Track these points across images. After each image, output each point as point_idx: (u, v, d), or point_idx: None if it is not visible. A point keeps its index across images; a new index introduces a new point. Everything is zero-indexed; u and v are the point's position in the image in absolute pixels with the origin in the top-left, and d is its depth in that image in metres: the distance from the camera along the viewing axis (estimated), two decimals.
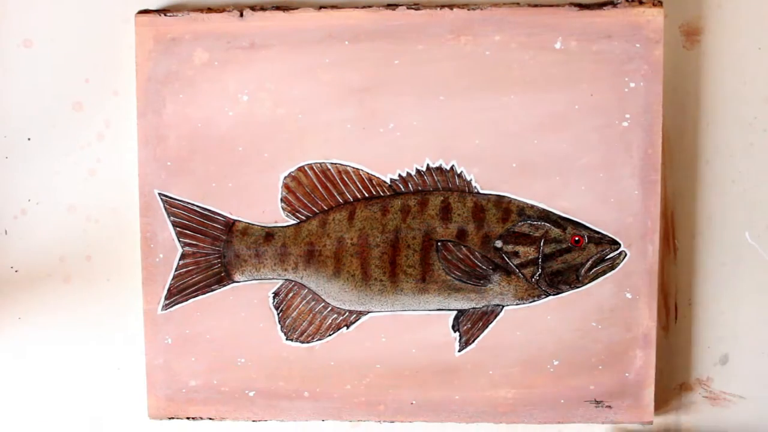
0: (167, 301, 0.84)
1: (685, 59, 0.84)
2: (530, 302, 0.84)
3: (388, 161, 0.83)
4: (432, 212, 0.83)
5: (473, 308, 0.84)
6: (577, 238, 0.82)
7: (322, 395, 0.85)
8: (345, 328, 0.84)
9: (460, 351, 0.84)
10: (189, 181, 0.84)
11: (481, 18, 0.81)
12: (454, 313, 0.84)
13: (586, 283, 0.83)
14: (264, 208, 0.84)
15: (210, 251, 0.84)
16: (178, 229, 0.84)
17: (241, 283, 0.85)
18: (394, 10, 0.82)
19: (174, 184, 0.84)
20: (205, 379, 0.85)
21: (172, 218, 0.84)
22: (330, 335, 0.85)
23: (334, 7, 0.82)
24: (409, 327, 0.84)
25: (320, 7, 0.82)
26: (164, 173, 0.84)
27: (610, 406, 0.84)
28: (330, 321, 0.84)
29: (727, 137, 0.84)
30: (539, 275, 0.83)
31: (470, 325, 0.84)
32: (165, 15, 0.82)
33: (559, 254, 0.83)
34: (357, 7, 0.82)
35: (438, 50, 0.82)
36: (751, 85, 0.84)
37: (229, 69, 0.83)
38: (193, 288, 0.84)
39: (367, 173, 0.83)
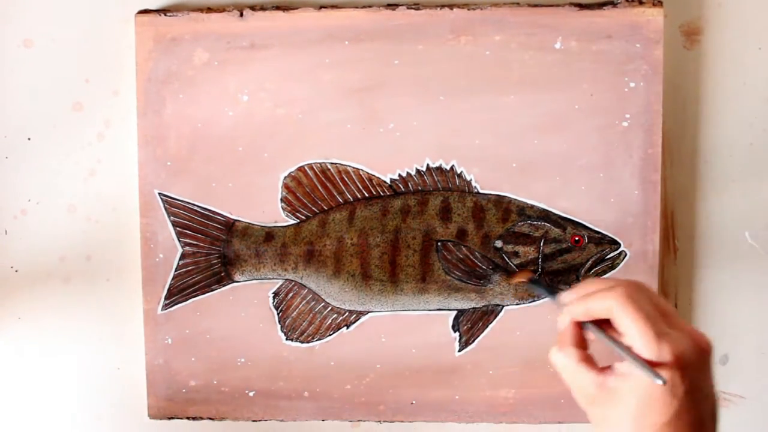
0: (167, 301, 0.85)
1: (685, 59, 0.84)
2: (530, 302, 0.84)
3: (388, 161, 0.83)
4: (432, 212, 0.83)
5: (473, 308, 0.84)
6: (577, 238, 0.82)
7: (322, 395, 0.85)
8: (345, 328, 0.85)
9: (460, 351, 0.84)
10: (189, 181, 0.84)
11: (481, 18, 0.81)
12: (454, 313, 0.84)
13: None
14: (264, 208, 0.84)
15: (210, 251, 0.84)
16: (178, 229, 0.84)
17: (241, 283, 0.85)
18: (394, 10, 0.82)
19: (174, 184, 0.84)
20: (205, 379, 0.85)
21: (172, 218, 0.84)
22: (330, 335, 0.85)
23: (334, 7, 0.82)
24: (409, 327, 0.84)
25: (320, 7, 0.82)
26: (164, 173, 0.84)
27: None
28: (330, 321, 0.84)
29: (727, 137, 0.84)
30: (539, 275, 0.83)
31: (470, 325, 0.84)
32: (165, 15, 0.82)
33: (559, 254, 0.83)
34: (357, 7, 0.82)
35: (438, 50, 0.82)
36: (751, 85, 0.84)
37: (229, 69, 0.83)
38: (193, 288, 0.84)
39: (367, 173, 0.83)
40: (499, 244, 0.83)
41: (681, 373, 0.56)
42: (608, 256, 0.82)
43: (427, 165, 0.83)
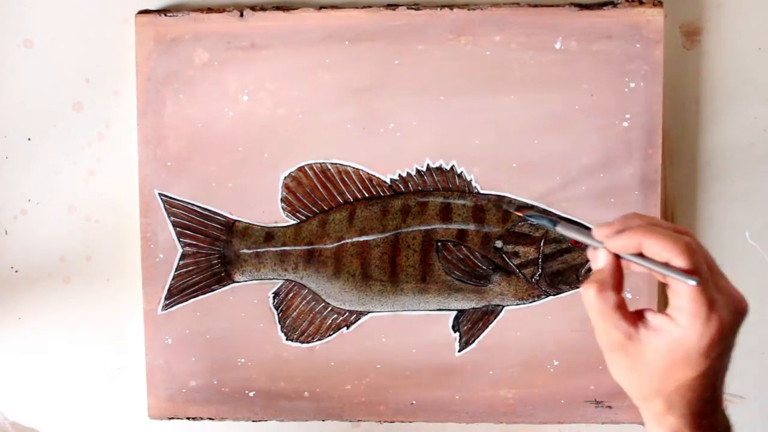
0: (167, 302, 0.85)
1: (685, 59, 0.84)
2: (530, 302, 0.84)
3: (388, 161, 0.83)
4: (432, 212, 0.83)
5: (473, 308, 0.84)
6: None
7: (322, 395, 0.85)
8: (345, 328, 0.85)
9: (460, 351, 0.84)
10: (189, 181, 0.84)
11: (481, 18, 0.81)
12: (455, 313, 0.84)
13: None
14: (264, 208, 0.84)
15: (210, 251, 0.84)
16: (178, 229, 0.84)
17: (241, 283, 0.85)
18: (394, 10, 0.82)
19: (174, 184, 0.84)
20: (205, 379, 0.85)
21: (172, 218, 0.84)
22: (330, 335, 0.85)
23: (334, 7, 0.82)
24: (409, 327, 0.84)
25: (320, 7, 0.82)
26: (164, 173, 0.84)
27: (610, 406, 0.84)
28: (330, 321, 0.84)
29: (727, 137, 0.84)
30: (539, 275, 0.83)
31: (470, 325, 0.84)
32: (165, 15, 0.82)
33: (559, 254, 0.83)
34: (357, 7, 0.82)
35: (438, 50, 0.82)
36: (751, 85, 0.84)
37: (229, 69, 0.83)
38: (193, 288, 0.84)
39: (367, 173, 0.83)
40: (499, 244, 0.83)
41: (719, 337, 0.58)
42: None
43: (427, 165, 0.83)
